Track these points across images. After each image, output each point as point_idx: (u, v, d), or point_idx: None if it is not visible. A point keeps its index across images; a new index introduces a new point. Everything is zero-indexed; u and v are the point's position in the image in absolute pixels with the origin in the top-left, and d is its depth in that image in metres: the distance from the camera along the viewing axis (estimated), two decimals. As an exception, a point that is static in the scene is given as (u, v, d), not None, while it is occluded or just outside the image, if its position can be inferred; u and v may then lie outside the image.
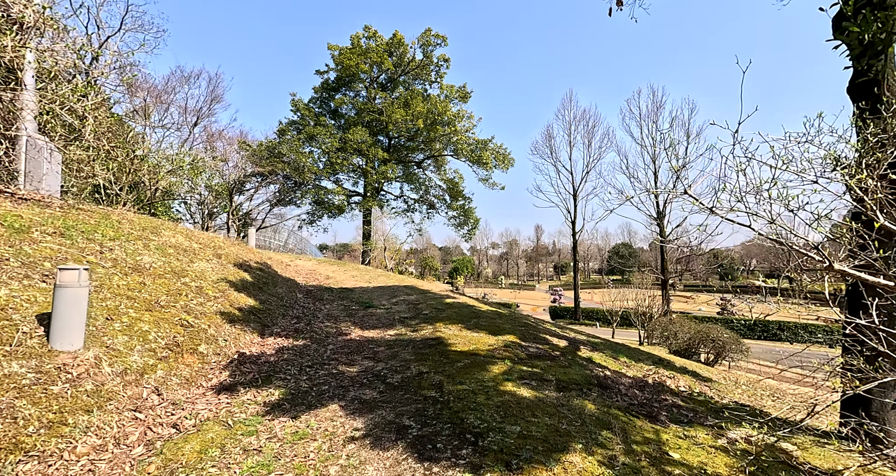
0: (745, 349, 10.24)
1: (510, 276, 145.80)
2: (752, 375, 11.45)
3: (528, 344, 6.02)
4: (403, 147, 32.55)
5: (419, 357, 5.28)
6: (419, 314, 7.85)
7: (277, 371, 4.90)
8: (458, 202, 31.65)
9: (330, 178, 29.96)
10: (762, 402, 5.77)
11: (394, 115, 25.89)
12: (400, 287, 11.29)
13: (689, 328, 11.07)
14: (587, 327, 38.38)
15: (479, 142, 28.04)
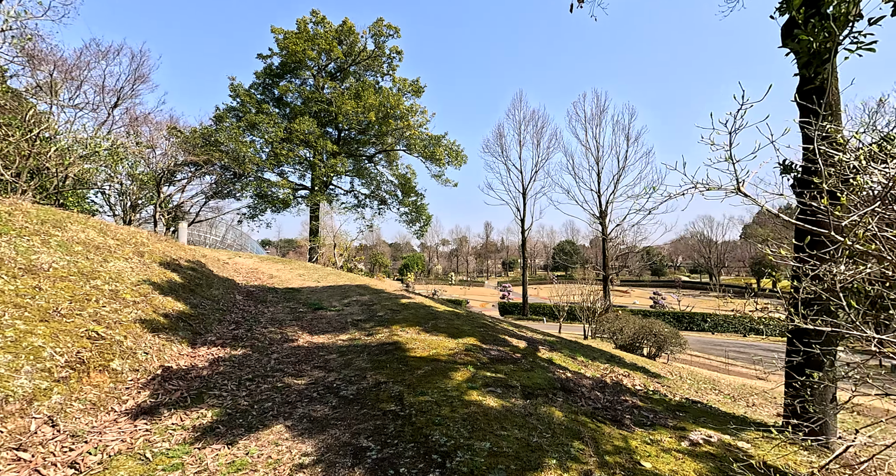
0: (683, 342, 10.92)
1: (460, 272, 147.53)
2: (688, 366, 12.24)
3: (488, 346, 5.83)
4: (354, 140, 31.42)
5: (376, 365, 4.88)
6: (374, 316, 7.41)
7: (211, 387, 4.28)
8: (410, 198, 31.15)
9: (274, 170, 28.14)
10: (707, 396, 6.02)
11: (344, 106, 24.81)
12: (352, 286, 10.71)
13: (634, 324, 11.59)
14: (535, 323, 39.65)
15: (433, 138, 27.72)
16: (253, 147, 24.60)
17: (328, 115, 27.70)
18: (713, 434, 3.80)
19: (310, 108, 27.01)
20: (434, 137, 27.74)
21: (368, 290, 10.14)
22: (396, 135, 27.52)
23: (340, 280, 11.95)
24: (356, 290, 10.09)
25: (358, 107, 25.14)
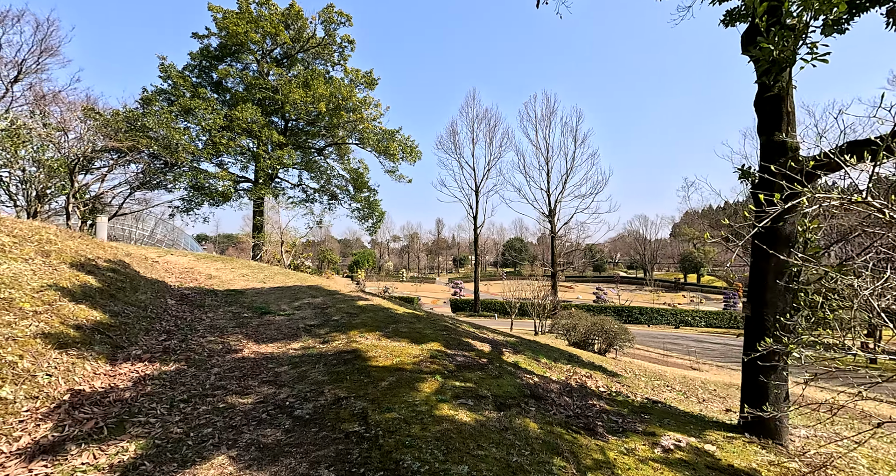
0: (631, 338, 11.42)
1: (411, 269, 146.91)
2: (635, 360, 12.83)
3: (453, 352, 5.58)
4: (303, 131, 29.82)
5: (334, 377, 4.44)
6: (329, 321, 6.89)
7: (135, 412, 3.63)
8: (362, 194, 30.16)
9: (212, 160, 25.92)
10: (663, 394, 6.20)
11: (291, 94, 23.35)
12: (302, 287, 9.99)
13: (587, 321, 11.95)
14: (486, 319, 40.27)
15: (387, 132, 26.97)
16: (187, 134, 22.42)
17: (274, 104, 25.98)
18: (682, 438, 3.82)
19: (253, 96, 25.16)
20: (388, 132, 27.01)
21: (321, 292, 9.50)
22: (348, 127, 26.44)
23: (289, 280, 11.13)
24: (307, 292, 9.41)
25: (307, 96, 23.78)
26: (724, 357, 20.34)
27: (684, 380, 9.27)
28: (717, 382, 11.77)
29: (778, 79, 4.08)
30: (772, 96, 4.17)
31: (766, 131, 4.23)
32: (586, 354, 9.53)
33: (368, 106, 25.86)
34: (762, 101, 4.27)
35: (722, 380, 12.84)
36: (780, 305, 4.07)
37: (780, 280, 4.07)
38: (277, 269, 13.42)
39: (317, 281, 11.20)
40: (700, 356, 19.28)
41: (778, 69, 3.97)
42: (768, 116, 4.22)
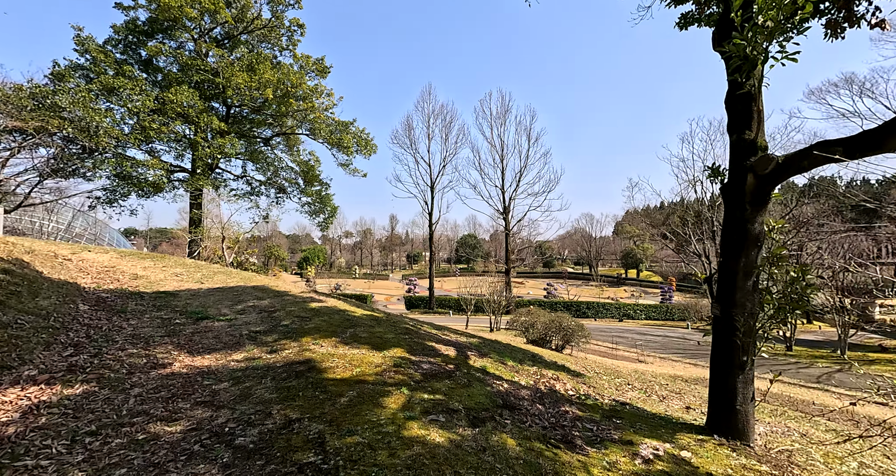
0: (587, 335, 11.64)
1: (364, 265, 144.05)
2: (590, 356, 13.11)
3: (418, 358, 5.18)
4: (247, 119, 27.73)
5: (285, 394, 3.87)
6: (277, 326, 6.20)
7: (20, 454, 2.88)
8: (313, 187, 28.67)
9: (141, 146, 23.32)
10: (627, 394, 6.20)
11: (234, 78, 21.51)
12: (246, 288, 9.06)
13: (545, 319, 12.02)
14: (441, 316, 40.16)
15: (340, 123, 25.75)
16: (110, 116, 19.94)
17: (214, 88, 23.84)
18: (658, 445, 3.69)
19: (190, 77, 22.90)
20: (341, 123, 25.80)
21: (268, 293, 8.66)
22: (298, 117, 24.90)
23: (231, 280, 10.10)
24: (252, 293, 8.54)
25: (251, 81, 22.03)
26: (665, 349, 21.63)
27: (639, 376, 9.53)
28: (664, 375, 12.33)
29: (749, 76, 4.07)
30: (743, 94, 4.15)
31: (736, 129, 4.22)
32: (546, 353, 9.52)
33: (320, 95, 24.50)
34: (733, 99, 4.25)
35: (668, 372, 13.51)
36: (749, 306, 4.08)
37: (749, 280, 4.08)
38: (217, 267, 12.20)
39: (263, 280, 10.27)
40: (644, 348, 20.34)
41: (750, 66, 3.93)
42: (739, 115, 4.20)
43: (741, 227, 4.09)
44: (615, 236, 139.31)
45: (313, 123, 25.01)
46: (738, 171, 4.14)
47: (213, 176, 25.96)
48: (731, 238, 4.20)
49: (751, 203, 4.03)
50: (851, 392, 12.39)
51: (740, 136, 4.16)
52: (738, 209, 4.13)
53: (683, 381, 12.01)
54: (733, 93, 4.24)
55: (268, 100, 23.57)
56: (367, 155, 26.73)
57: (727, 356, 4.15)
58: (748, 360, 4.08)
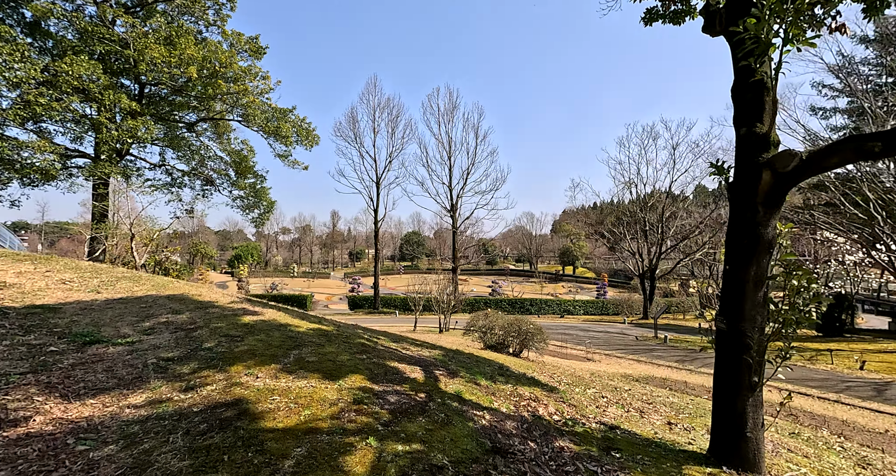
0: (546, 338, 11.34)
1: (303, 263, 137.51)
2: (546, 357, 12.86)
3: (382, 387, 4.26)
4: (166, 100, 24.42)
5: (203, 459, 2.77)
6: (198, 350, 4.91)
7: None
8: (246, 180, 26.04)
9: (25, 125, 19.46)
10: (607, 411, 5.74)
11: (149, 51, 18.59)
12: (159, 299, 7.44)
13: (504, 322, 11.53)
14: (387, 316, 38.91)
15: (278, 110, 23.50)
16: (-19, 86, 16.30)
17: (123, 62, 20.54)
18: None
19: (91, 47, 19.48)
20: (279, 110, 23.57)
21: (188, 304, 7.15)
22: (228, 101, 22.31)
23: (140, 287, 8.32)
24: (167, 305, 6.99)
25: (170, 57, 19.22)
26: (609, 345, 22.43)
27: (601, 381, 9.32)
28: (618, 375, 12.44)
29: (762, 60, 3.66)
30: (755, 83, 3.75)
31: (745, 122, 3.81)
32: (510, 361, 8.99)
33: (254, 77, 22.12)
34: (743, 88, 3.84)
35: (619, 371, 13.72)
36: (759, 319, 3.69)
37: (760, 291, 3.68)
38: (123, 271, 10.15)
39: (182, 288, 8.59)
40: (590, 345, 20.87)
41: (764, 49, 3.51)
42: (749, 105, 3.80)
43: (752, 232, 3.68)
44: (553, 234, 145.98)
45: (246, 109, 22.56)
46: (748, 168, 3.73)
47: (122, 163, 22.50)
48: (739, 243, 3.78)
49: (764, 204, 3.63)
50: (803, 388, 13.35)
51: (751, 130, 3.75)
52: (748, 211, 3.72)
53: (635, 380, 12.19)
54: (743, 81, 3.83)
55: (191, 79, 20.79)
56: (308, 146, 24.75)
57: (735, 376, 3.74)
58: (759, 381, 3.70)
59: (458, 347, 9.58)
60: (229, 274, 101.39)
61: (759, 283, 3.69)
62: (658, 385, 11.63)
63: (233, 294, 8.71)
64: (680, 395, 9.45)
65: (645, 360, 17.94)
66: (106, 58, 20.51)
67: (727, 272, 3.93)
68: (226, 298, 7.89)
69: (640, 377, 12.49)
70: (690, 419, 5.94)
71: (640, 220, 39.11)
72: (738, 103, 3.90)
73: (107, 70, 20.02)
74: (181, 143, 25.45)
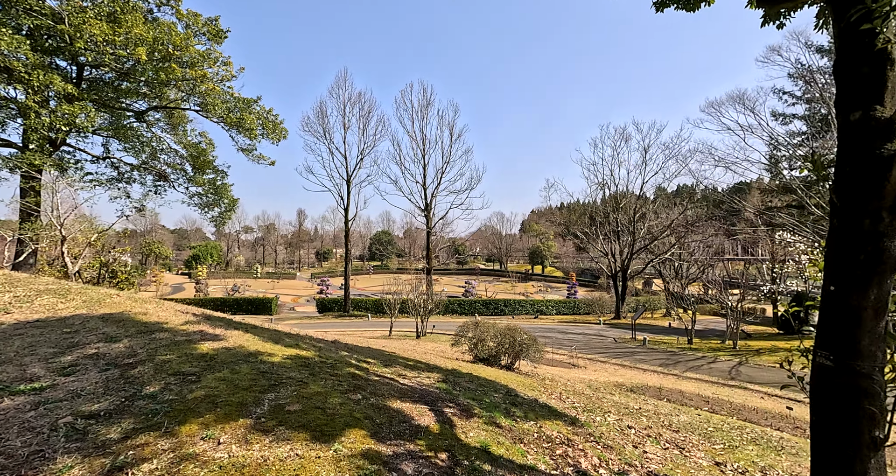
0: (541, 349, 10.55)
1: (267, 263, 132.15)
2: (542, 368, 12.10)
3: (392, 449, 3.20)
4: (110, 85, 21.86)
5: None
6: (134, 400, 3.65)
7: None
8: (205, 175, 23.85)
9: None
10: (647, 451, 4.94)
11: (87, 27, 16.33)
12: (91, 320, 5.97)
13: (497, 333, 10.65)
14: (359, 319, 37.29)
15: (241, 100, 21.55)
16: None
17: (57, 38, 18.05)
18: None
19: (16, 19, 16.94)
20: (243, 100, 21.62)
21: (129, 326, 5.74)
22: (184, 87, 20.18)
23: (67, 304, 6.76)
24: (99, 328, 5.56)
25: (114, 35, 17.01)
26: (590, 348, 22.15)
27: (605, 395, 8.61)
28: (610, 384, 11.86)
29: (887, 24, 2.90)
30: (876, 53, 2.96)
31: (859, 104, 3.02)
32: (508, 377, 8.10)
33: (213, 62, 20.11)
34: (857, 60, 3.05)
35: (610, 379, 13.18)
36: (880, 356, 2.93)
37: (881, 321, 2.92)
38: (48, 282, 8.42)
39: (123, 304, 7.07)
40: (574, 350, 20.48)
41: (890, 5, 2.78)
42: (865, 83, 3.01)
43: (872, 245, 2.91)
44: (522, 234, 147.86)
45: (205, 97, 20.51)
46: (867, 163, 2.96)
47: (57, 154, 19.87)
48: (851, 260, 3.00)
49: (891, 210, 2.87)
50: (764, 388, 13.30)
51: (868, 114, 2.97)
52: (866, 217, 2.94)
53: (630, 390, 11.65)
54: (855, 52, 3.05)
55: (140, 62, 18.59)
56: (275, 140, 22.93)
57: (849, 430, 2.93)
58: (884, 436, 2.93)
59: (451, 365, 8.59)
60: (186, 275, 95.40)
61: (880, 310, 2.92)
62: (655, 395, 11.14)
63: (188, 311, 7.28)
64: (687, 410, 8.90)
65: (629, 365, 17.67)
66: (36, 34, 17.97)
67: (831, 294, 3.14)
68: (178, 317, 6.48)
69: (635, 386, 11.99)
70: (731, 453, 5.25)
71: (612, 221, 39.60)
72: (848, 81, 3.11)
73: (37, 48, 17.52)
74: (129, 133, 22.91)
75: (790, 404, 10.43)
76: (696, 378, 14.99)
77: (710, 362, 18.14)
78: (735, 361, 18.14)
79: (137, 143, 23.72)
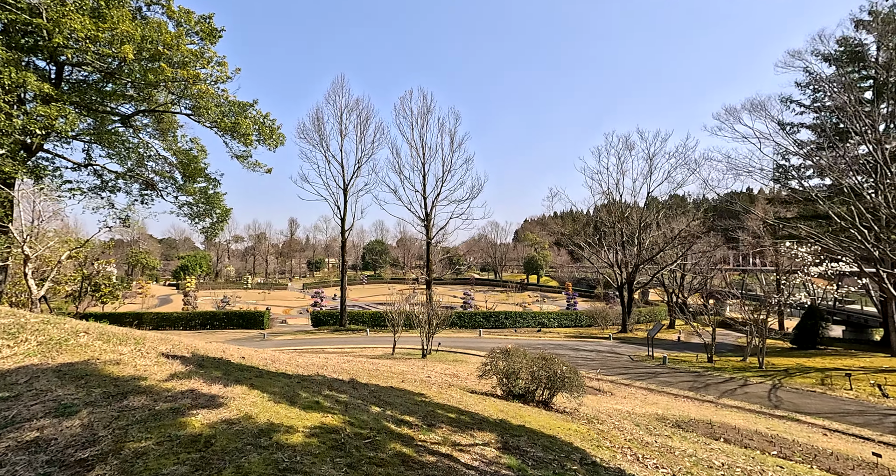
0: (582, 383, 9.20)
1: (257, 273, 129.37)
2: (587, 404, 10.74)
3: None
4: (94, 87, 20.33)
5: None
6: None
7: None
8: (196, 184, 22.30)
9: None
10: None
11: (68, 22, 14.90)
12: (42, 374, 4.45)
13: (528, 362, 9.29)
14: (357, 335, 35.58)
15: (236, 104, 20.16)
16: None
17: (33, 34, 16.58)
18: None
19: (-10, 13, 15.46)
20: (238, 104, 20.23)
21: (94, 385, 4.28)
22: (175, 89, 18.74)
23: (15, 349, 5.22)
24: (52, 391, 4.09)
25: (98, 31, 15.61)
26: (607, 368, 20.83)
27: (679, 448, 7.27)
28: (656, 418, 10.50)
29: None
30: None
31: None
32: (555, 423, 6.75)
33: (207, 62, 18.75)
34: None
35: (648, 410, 11.85)
36: None
37: None
38: (4, 313, 6.89)
39: (91, 348, 5.55)
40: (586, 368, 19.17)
41: None
42: None
43: None
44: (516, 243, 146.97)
45: (197, 100, 19.08)
46: None
47: (31, 161, 18.23)
48: None
49: None
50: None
51: None
52: None
53: (676, 425, 10.35)
54: None
55: (126, 62, 17.16)
56: (272, 147, 21.52)
57: None
58: None
59: (492, 410, 7.21)
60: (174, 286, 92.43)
61: None
62: (708, 432, 9.84)
63: (174, 353, 5.80)
64: (763, 459, 7.61)
65: (656, 389, 16.38)
66: (11, 29, 16.48)
67: None
68: (161, 367, 5.02)
69: (680, 421, 10.68)
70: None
71: (617, 231, 38.68)
72: None
73: (11, 44, 16.02)
74: (113, 139, 21.33)
75: (875, 449, 9.20)
76: (735, 406, 13.74)
77: (742, 385, 16.94)
78: (768, 384, 16.96)
79: (123, 149, 22.15)
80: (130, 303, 57.41)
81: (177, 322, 41.59)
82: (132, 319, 41.74)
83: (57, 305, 42.81)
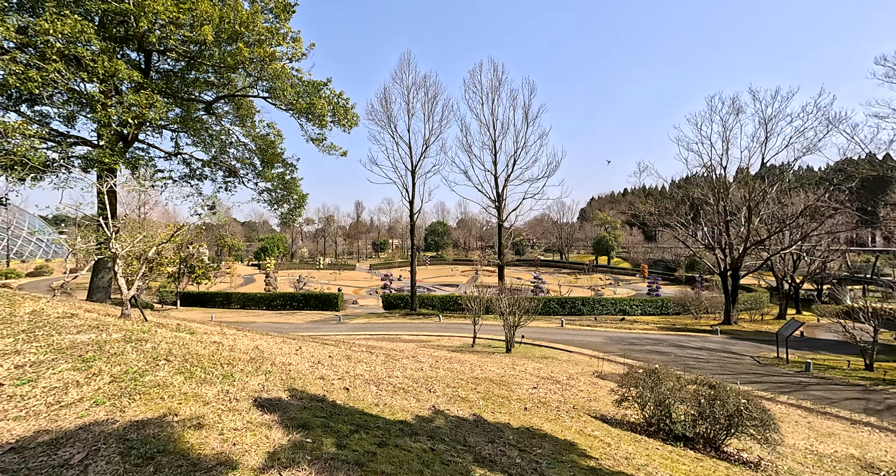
0: (779, 425, 6.74)
1: (327, 254, 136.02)
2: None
3: None
4: (177, 75, 20.47)
5: None
6: None
7: None
8: (274, 170, 22.06)
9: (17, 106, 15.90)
10: None
11: (151, 3, 14.50)
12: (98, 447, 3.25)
13: (689, 391, 7.00)
14: (429, 320, 34.89)
15: (310, 83, 19.19)
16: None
17: (122, 22, 16.57)
18: None
19: (84, 6, 15.58)
20: (312, 83, 19.24)
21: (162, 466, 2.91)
22: (253, 71, 18.12)
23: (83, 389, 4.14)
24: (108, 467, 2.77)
25: (179, 12, 15.11)
26: (732, 374, 17.48)
27: None
28: (857, 466, 7.65)
29: None
30: None
31: None
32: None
33: (282, 39, 17.79)
34: None
35: (850, 452, 8.96)
36: None
37: None
38: (88, 323, 6.09)
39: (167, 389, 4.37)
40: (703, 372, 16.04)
41: None
42: None
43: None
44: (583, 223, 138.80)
45: (273, 81, 18.32)
46: None
47: (130, 152, 18.82)
48: None
49: None
50: None
51: None
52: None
53: (902, 482, 7.46)
54: None
55: (206, 43, 16.67)
56: (346, 128, 20.41)
57: None
58: None
59: (643, 465, 5.13)
60: (256, 267, 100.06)
61: None
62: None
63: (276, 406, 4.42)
64: None
65: (814, 408, 13.10)
66: (104, 20, 16.61)
67: None
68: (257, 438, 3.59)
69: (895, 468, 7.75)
70: None
71: (721, 210, 33.37)
72: None
73: (104, 34, 16.11)
74: (198, 127, 21.58)
75: None
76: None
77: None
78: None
79: (207, 136, 22.42)
80: (221, 281, 62.51)
81: (260, 302, 44.01)
82: (222, 299, 45.04)
83: (161, 284, 47.43)
